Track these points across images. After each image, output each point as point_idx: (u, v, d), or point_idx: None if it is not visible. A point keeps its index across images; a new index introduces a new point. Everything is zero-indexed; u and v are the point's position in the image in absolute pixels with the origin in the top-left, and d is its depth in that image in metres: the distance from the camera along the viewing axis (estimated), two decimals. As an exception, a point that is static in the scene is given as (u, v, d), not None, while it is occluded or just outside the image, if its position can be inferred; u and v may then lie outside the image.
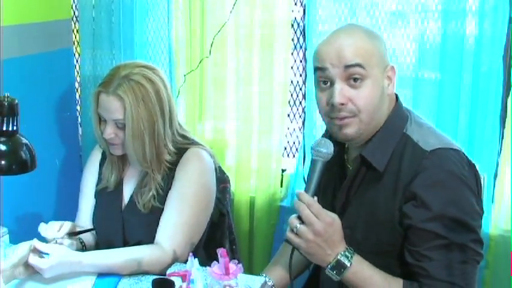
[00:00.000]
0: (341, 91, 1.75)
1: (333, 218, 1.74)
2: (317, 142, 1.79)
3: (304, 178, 2.14)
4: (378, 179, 1.81)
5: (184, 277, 1.67)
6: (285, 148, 2.99)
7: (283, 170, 2.93)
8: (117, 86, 2.12)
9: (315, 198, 1.75)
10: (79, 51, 3.17)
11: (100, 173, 2.38)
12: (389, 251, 1.80)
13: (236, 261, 1.76)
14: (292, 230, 1.74)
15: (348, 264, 1.74)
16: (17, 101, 1.88)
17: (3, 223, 2.44)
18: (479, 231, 1.75)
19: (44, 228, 2.10)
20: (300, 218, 1.73)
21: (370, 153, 1.81)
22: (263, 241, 2.93)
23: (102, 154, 2.40)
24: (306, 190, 1.75)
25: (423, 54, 2.55)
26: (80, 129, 3.28)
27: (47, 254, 1.95)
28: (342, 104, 1.74)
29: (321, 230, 1.71)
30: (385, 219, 1.79)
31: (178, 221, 2.14)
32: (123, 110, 2.11)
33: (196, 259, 1.81)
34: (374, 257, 1.80)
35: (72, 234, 2.14)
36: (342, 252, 1.75)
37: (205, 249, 2.32)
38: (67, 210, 2.42)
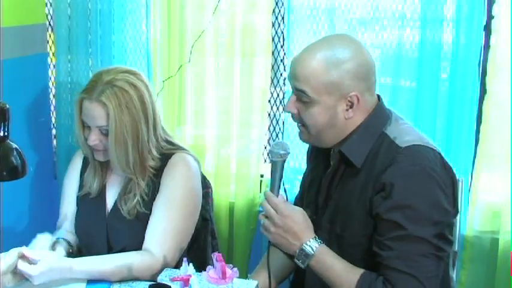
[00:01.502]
0: (290, 102, 1.89)
1: (291, 210, 1.87)
2: (273, 144, 1.90)
3: (283, 182, 2.17)
4: (355, 174, 1.89)
5: (186, 282, 1.66)
6: (263, 154, 2.97)
7: (262, 176, 2.94)
8: (100, 93, 2.10)
9: (282, 195, 1.88)
10: (54, 57, 3.12)
11: (81, 180, 2.35)
12: (364, 243, 1.86)
13: (231, 265, 1.76)
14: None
15: (311, 254, 1.85)
16: (7, 106, 1.85)
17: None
18: (445, 228, 1.80)
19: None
20: None
21: (349, 149, 1.89)
22: (242, 246, 2.93)
23: (83, 160, 2.37)
24: (271, 189, 1.89)
25: (399, 61, 2.61)
26: (53, 135, 3.24)
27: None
28: (291, 113, 1.89)
29: (279, 222, 1.85)
30: (358, 212, 1.86)
31: (167, 226, 2.13)
32: (106, 116, 2.10)
33: (191, 264, 1.81)
34: (352, 249, 1.89)
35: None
36: (307, 243, 1.85)
37: (189, 254, 2.29)
38: (42, 217, 2.39)
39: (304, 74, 1.82)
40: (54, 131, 3.25)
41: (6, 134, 1.85)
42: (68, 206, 2.36)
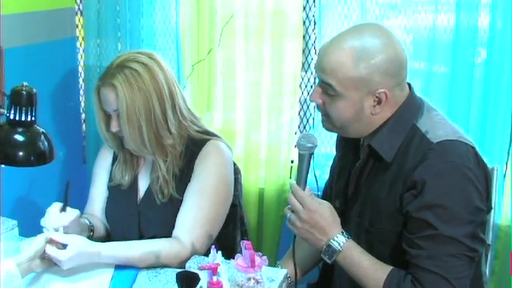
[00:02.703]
0: (316, 92, 1.84)
1: (317, 205, 1.82)
2: (300, 137, 1.85)
3: (313, 168, 2.15)
4: (386, 169, 1.83)
5: (214, 270, 1.64)
6: (294, 139, 2.92)
7: (292, 161, 2.90)
8: (111, 76, 2.08)
9: (308, 188, 1.83)
10: (83, 41, 3.11)
11: (111, 172, 2.34)
12: (393, 239, 1.82)
13: (260, 253, 1.73)
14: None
15: (338, 250, 1.81)
16: (35, 91, 1.84)
17: (12, 216, 2.40)
18: (477, 227, 1.74)
19: (46, 220, 2.03)
20: None
21: (378, 143, 1.83)
22: (272, 233, 2.91)
23: (113, 153, 2.36)
24: (297, 182, 1.84)
25: (433, 46, 2.54)
26: (83, 119, 3.23)
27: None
28: (316, 102, 1.84)
29: (306, 217, 1.80)
30: (388, 208, 1.81)
31: (197, 214, 2.10)
32: (117, 98, 2.08)
33: (219, 252, 1.78)
34: (381, 245, 1.85)
35: (62, 208, 2.06)
36: (334, 238, 1.81)
37: (218, 240, 2.26)
38: (71, 200, 2.38)
39: (331, 67, 1.77)
40: (83, 116, 3.25)
41: (33, 118, 1.83)
42: (96, 190, 2.36)
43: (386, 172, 1.83)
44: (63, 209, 2.04)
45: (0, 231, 2.22)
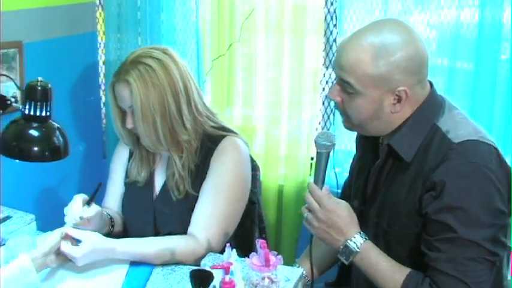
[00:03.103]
0: (334, 90, 1.80)
1: (335, 205, 1.79)
2: (319, 135, 1.82)
3: (333, 166, 2.13)
4: (405, 169, 1.79)
5: (227, 269, 1.62)
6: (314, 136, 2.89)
7: (312, 158, 2.86)
8: (125, 72, 2.06)
9: (326, 187, 1.80)
10: (103, 35, 3.11)
11: (128, 169, 2.33)
12: (411, 240, 1.78)
13: (275, 252, 1.71)
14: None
15: (355, 251, 1.78)
16: (50, 85, 1.83)
17: (31, 210, 2.40)
18: (499, 230, 1.69)
19: (67, 220, 2.03)
20: None
21: (398, 143, 1.79)
22: (291, 230, 2.88)
23: (130, 149, 2.35)
24: (315, 181, 1.81)
25: (457, 42, 2.48)
26: (103, 114, 3.24)
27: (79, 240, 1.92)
28: (334, 100, 1.81)
29: (323, 217, 1.77)
30: (406, 209, 1.78)
31: (213, 211, 2.08)
32: (131, 94, 2.06)
33: (234, 250, 1.77)
34: (399, 246, 1.82)
35: (89, 201, 2.07)
36: (351, 239, 1.78)
37: (236, 238, 2.26)
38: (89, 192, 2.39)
39: (349, 64, 1.73)
40: (103, 111, 3.26)
41: (48, 113, 1.82)
42: (114, 190, 2.35)
43: (406, 172, 1.79)
44: (87, 203, 2.04)
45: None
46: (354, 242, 1.78)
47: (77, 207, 2.02)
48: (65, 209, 2.04)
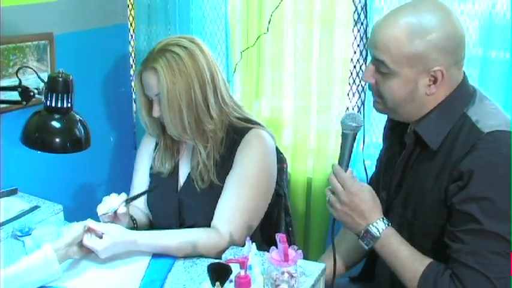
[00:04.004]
0: (369, 71, 1.77)
1: (359, 188, 1.77)
2: (345, 116, 1.80)
3: (363, 160, 2.09)
4: (431, 157, 1.76)
5: (242, 264, 1.60)
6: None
7: (342, 151, 2.82)
8: (152, 60, 2.06)
9: (350, 169, 1.78)
10: (134, 27, 3.12)
11: (154, 160, 2.33)
12: (436, 232, 1.75)
13: (295, 247, 1.70)
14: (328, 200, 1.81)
15: (376, 236, 1.76)
16: (71, 77, 1.85)
17: (58, 200, 2.43)
18: None
19: (101, 207, 2.04)
20: None
21: (424, 130, 1.76)
22: (319, 224, 2.84)
23: (156, 141, 2.35)
24: (340, 163, 1.80)
25: (490, 32, 2.41)
26: (134, 105, 3.24)
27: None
28: (368, 82, 1.78)
29: (346, 199, 1.76)
30: (432, 199, 1.74)
31: (237, 204, 2.07)
32: (158, 82, 2.06)
33: (253, 244, 1.75)
34: (423, 238, 1.78)
35: (129, 200, 2.08)
36: (373, 223, 1.76)
37: (261, 231, 2.26)
38: (121, 187, 2.38)
39: (384, 43, 1.68)
40: (134, 101, 3.24)
41: (70, 105, 1.83)
42: (139, 178, 2.35)
43: (432, 161, 1.75)
44: (126, 201, 2.06)
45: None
46: (376, 227, 1.76)
47: (116, 200, 2.04)
48: (104, 198, 2.05)
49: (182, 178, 2.26)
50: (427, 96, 1.72)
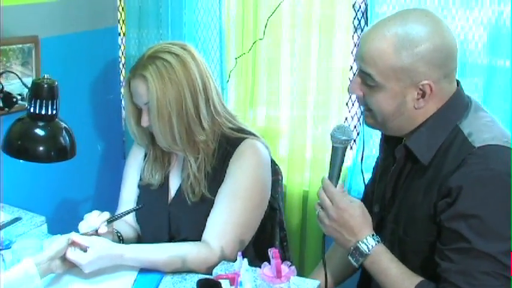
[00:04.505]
0: (355, 83, 1.78)
1: (348, 203, 1.78)
2: (335, 128, 1.81)
3: (362, 172, 2.10)
4: (422, 172, 1.77)
5: (232, 280, 1.61)
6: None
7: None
8: (142, 67, 2.07)
9: (341, 184, 1.81)
10: (124, 31, 3.14)
11: (143, 171, 2.33)
12: (427, 250, 1.75)
13: (289, 263, 1.70)
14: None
15: (365, 253, 1.77)
16: (56, 83, 1.85)
17: (41, 212, 2.43)
18: None
19: (82, 226, 2.04)
20: None
21: (415, 144, 1.76)
22: (316, 239, 2.85)
23: (145, 150, 2.36)
24: (329, 177, 1.81)
25: (496, 40, 2.43)
26: (123, 112, 3.24)
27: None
28: (355, 94, 1.80)
29: (334, 215, 1.77)
30: (422, 216, 1.75)
31: (228, 218, 2.08)
32: (148, 90, 2.06)
33: (245, 259, 1.76)
34: (414, 256, 1.80)
35: (111, 220, 2.07)
36: (363, 240, 1.77)
37: (255, 246, 2.26)
38: (108, 198, 2.41)
39: (370, 55, 1.69)
40: (123, 109, 3.25)
41: (54, 112, 1.84)
42: (128, 195, 2.35)
43: (423, 176, 1.76)
44: (108, 221, 2.05)
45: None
46: (366, 244, 1.77)
47: (97, 219, 2.03)
48: (85, 215, 2.05)
49: (173, 190, 2.26)
50: (416, 110, 1.73)
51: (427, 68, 1.67)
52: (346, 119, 2.82)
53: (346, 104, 2.81)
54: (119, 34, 3.20)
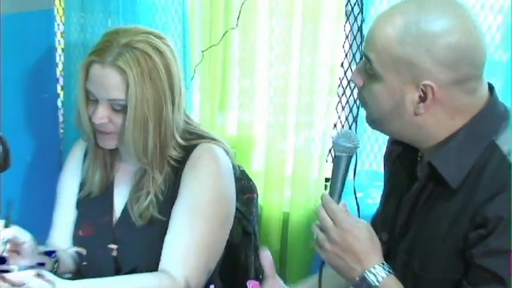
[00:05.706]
0: (357, 69, 1.78)
1: (354, 223, 1.72)
2: (339, 134, 1.77)
3: (354, 191, 2.08)
4: (449, 196, 1.73)
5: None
6: (330, 150, 2.86)
7: (326, 179, 2.82)
8: (117, 56, 2.03)
9: (343, 202, 1.76)
10: (62, 14, 3.10)
11: (83, 177, 2.30)
12: None
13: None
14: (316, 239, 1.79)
15: (373, 285, 1.71)
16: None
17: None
18: None
19: None
20: None
21: (443, 162, 1.72)
22: (297, 269, 2.86)
23: (84, 153, 2.32)
24: (330, 193, 1.77)
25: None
26: (60, 116, 3.22)
27: None
28: (357, 85, 1.80)
29: (337, 237, 1.71)
30: (446, 248, 1.72)
31: (190, 241, 2.06)
32: (125, 86, 2.03)
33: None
34: None
35: (6, 223, 2.01)
36: (370, 269, 1.71)
37: (223, 276, 2.28)
38: (41, 218, 2.33)
39: (374, 39, 1.70)
40: (61, 112, 3.24)
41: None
42: (62, 213, 2.30)
43: (450, 201, 1.73)
44: (5, 226, 1.99)
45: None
46: (374, 274, 1.70)
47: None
48: None
49: (118, 207, 2.23)
50: (416, 116, 1.71)
51: (432, 66, 1.65)
52: (335, 125, 2.84)
53: (336, 108, 2.82)
54: (55, 19, 3.17)
